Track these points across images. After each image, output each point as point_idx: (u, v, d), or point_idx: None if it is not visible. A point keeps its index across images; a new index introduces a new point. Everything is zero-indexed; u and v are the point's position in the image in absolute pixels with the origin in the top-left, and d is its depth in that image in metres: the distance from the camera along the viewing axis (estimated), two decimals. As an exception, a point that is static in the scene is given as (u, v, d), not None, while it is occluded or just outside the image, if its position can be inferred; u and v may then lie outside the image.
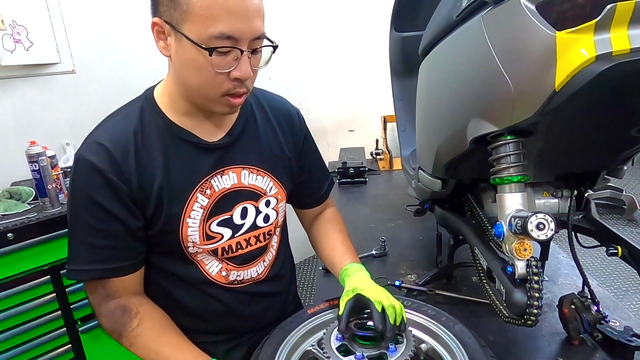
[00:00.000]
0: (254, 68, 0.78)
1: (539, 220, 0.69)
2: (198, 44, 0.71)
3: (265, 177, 0.94)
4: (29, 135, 1.96)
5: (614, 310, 1.10)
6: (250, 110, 0.95)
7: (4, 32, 1.94)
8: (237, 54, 0.73)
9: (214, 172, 0.87)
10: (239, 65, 0.74)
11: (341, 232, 1.08)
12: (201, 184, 0.86)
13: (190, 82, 0.78)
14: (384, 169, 2.79)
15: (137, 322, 0.82)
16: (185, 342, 0.84)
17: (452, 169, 1.01)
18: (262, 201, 0.94)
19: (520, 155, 0.77)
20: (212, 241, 0.88)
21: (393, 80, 1.91)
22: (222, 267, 0.92)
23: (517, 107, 0.68)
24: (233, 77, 0.75)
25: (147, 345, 0.81)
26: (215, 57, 0.72)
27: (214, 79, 0.75)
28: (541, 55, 0.61)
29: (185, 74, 0.78)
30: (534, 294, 0.73)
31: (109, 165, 0.78)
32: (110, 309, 0.83)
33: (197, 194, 0.85)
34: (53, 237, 1.75)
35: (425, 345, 0.87)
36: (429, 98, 1.06)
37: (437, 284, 1.29)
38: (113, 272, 0.83)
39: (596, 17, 0.56)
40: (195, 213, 0.85)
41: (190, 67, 0.75)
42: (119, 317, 0.82)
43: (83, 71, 2.25)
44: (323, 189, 1.11)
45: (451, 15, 0.85)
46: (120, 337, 0.83)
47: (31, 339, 1.73)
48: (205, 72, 0.74)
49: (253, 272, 0.96)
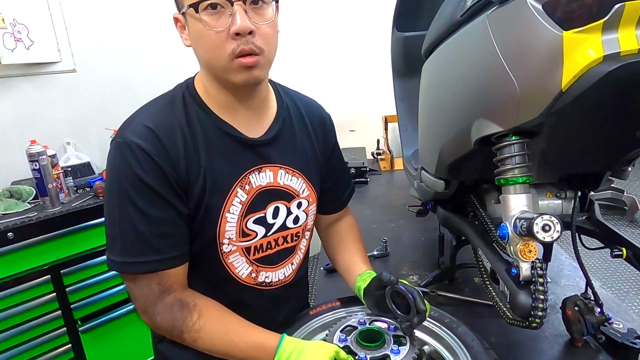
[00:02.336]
0: (257, 24, 0.75)
1: (544, 221, 0.68)
2: (188, 7, 0.73)
3: (299, 179, 0.93)
4: (29, 134, 1.96)
5: (617, 312, 1.10)
6: (287, 110, 0.94)
7: (4, 31, 1.94)
8: (231, 9, 0.73)
9: (253, 167, 0.86)
10: (234, 18, 0.72)
11: (359, 242, 1.07)
12: (241, 178, 0.85)
13: (202, 56, 0.78)
14: (385, 169, 2.79)
15: (197, 315, 0.78)
16: (250, 326, 0.81)
17: (455, 169, 1.01)
18: (295, 202, 0.93)
19: (525, 156, 0.77)
20: (247, 238, 0.87)
21: (395, 80, 1.91)
22: (252, 269, 0.91)
23: (522, 108, 0.68)
24: (232, 34, 0.73)
25: (213, 336, 0.78)
26: (206, 17, 0.72)
27: (215, 41, 0.74)
28: (547, 56, 0.60)
29: (197, 51, 0.78)
30: (539, 296, 0.73)
31: (157, 149, 0.75)
32: (168, 306, 0.78)
33: (237, 189, 0.84)
34: (53, 237, 1.75)
35: (428, 347, 0.86)
36: (432, 98, 1.05)
37: (439, 285, 1.29)
38: (170, 263, 0.78)
39: (604, 17, 0.55)
40: (234, 208, 0.84)
41: (197, 41, 0.76)
42: (177, 312, 0.78)
43: (84, 70, 2.25)
44: (345, 195, 1.11)
45: (455, 15, 0.85)
46: (181, 333, 0.78)
47: (31, 338, 1.73)
48: (206, 37, 0.74)
49: (281, 274, 0.96)
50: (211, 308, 0.81)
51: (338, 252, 1.06)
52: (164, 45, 2.42)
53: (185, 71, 0.90)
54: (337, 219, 1.12)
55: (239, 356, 0.78)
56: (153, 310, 0.79)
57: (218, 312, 0.82)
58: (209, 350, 0.79)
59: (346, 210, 1.15)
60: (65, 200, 1.91)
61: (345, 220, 1.13)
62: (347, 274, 1.00)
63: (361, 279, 0.93)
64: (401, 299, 0.84)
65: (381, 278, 0.84)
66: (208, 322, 0.78)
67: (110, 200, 0.77)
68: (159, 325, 0.79)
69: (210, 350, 0.79)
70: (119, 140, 0.76)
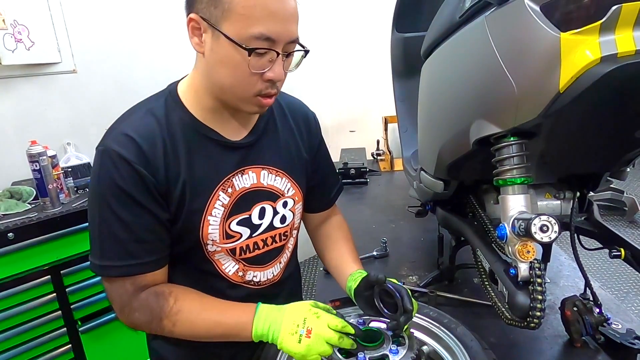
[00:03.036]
0: (285, 71, 0.79)
1: (542, 222, 0.68)
2: (238, 43, 0.71)
3: (283, 178, 0.94)
4: (29, 134, 1.96)
5: (616, 312, 1.10)
6: (270, 111, 0.95)
7: (5, 32, 1.94)
8: (273, 56, 0.75)
9: (236, 170, 0.88)
10: (274, 67, 0.75)
11: (349, 241, 1.08)
12: (223, 182, 0.86)
13: (224, 80, 0.78)
14: (385, 170, 2.79)
15: (174, 300, 0.80)
16: (227, 303, 0.84)
17: (455, 170, 1.01)
18: (280, 202, 0.94)
19: (524, 157, 0.77)
20: (231, 240, 0.88)
21: (394, 81, 1.91)
22: (238, 268, 0.92)
23: (520, 109, 0.68)
24: (266, 78, 0.76)
25: (191, 316, 0.79)
26: (252, 58, 0.73)
27: (248, 78, 0.76)
28: (545, 57, 0.61)
29: (219, 72, 0.78)
30: (537, 296, 0.73)
31: (137, 157, 0.77)
32: (143, 299, 0.80)
33: (219, 192, 0.85)
34: (53, 237, 1.75)
35: (427, 347, 0.86)
36: (431, 99, 1.06)
37: (439, 286, 1.29)
38: (145, 267, 0.80)
39: (601, 18, 0.55)
40: (216, 211, 0.85)
41: (225, 66, 0.76)
42: (153, 302, 0.80)
43: (84, 71, 2.25)
44: (332, 193, 1.11)
45: (454, 16, 0.85)
46: (160, 321, 0.79)
47: (31, 338, 1.73)
48: (241, 71, 0.75)
49: (269, 274, 0.97)
50: (187, 292, 0.83)
51: (328, 252, 1.07)
52: (165, 47, 2.42)
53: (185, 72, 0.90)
54: (326, 217, 1.13)
55: (220, 331, 0.80)
56: (130, 309, 0.80)
57: (193, 294, 0.84)
58: (190, 334, 0.80)
59: (334, 209, 1.15)
60: (66, 200, 1.92)
61: (334, 219, 1.13)
62: (338, 274, 1.00)
63: (352, 279, 0.93)
64: (390, 298, 0.84)
65: (369, 278, 0.86)
66: (185, 304, 0.80)
67: (91, 206, 0.80)
68: (136, 321, 0.81)
69: (191, 333, 0.80)
70: (100, 148, 0.79)
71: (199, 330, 0.80)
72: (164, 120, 0.82)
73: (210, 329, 0.80)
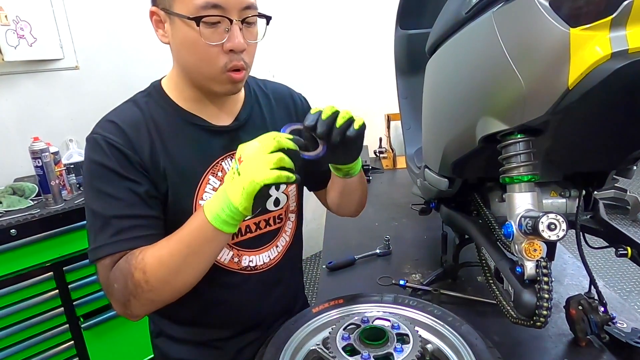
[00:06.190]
0: (248, 41, 0.78)
1: (550, 220, 0.67)
2: (187, 17, 0.72)
3: None
4: (32, 131, 1.96)
5: (621, 311, 1.09)
6: (255, 97, 0.97)
7: (7, 28, 1.94)
8: (228, 25, 0.74)
9: (225, 154, 0.88)
10: (231, 35, 0.75)
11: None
12: (212, 166, 0.86)
13: (188, 62, 0.79)
14: (387, 168, 2.78)
15: (139, 252, 0.75)
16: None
17: (459, 167, 1.00)
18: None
19: (531, 154, 0.76)
20: None
21: (398, 78, 1.90)
22: (233, 254, 0.92)
23: (528, 105, 0.67)
24: (226, 49, 0.76)
25: (155, 253, 0.74)
26: (204, 29, 0.73)
27: (208, 53, 0.76)
28: (554, 53, 0.60)
29: (182, 55, 0.79)
30: (544, 295, 0.72)
31: (121, 139, 0.79)
32: (115, 268, 0.76)
33: (209, 176, 0.86)
34: (56, 234, 1.75)
35: (432, 345, 0.86)
36: (436, 96, 1.05)
37: (442, 284, 1.28)
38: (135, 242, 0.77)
39: (612, 14, 0.54)
40: (207, 195, 0.86)
41: (185, 46, 0.77)
42: (123, 264, 0.75)
43: (86, 67, 2.25)
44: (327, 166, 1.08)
45: (460, 12, 0.84)
46: (132, 276, 0.73)
47: (34, 335, 1.74)
48: (199, 47, 0.75)
49: (265, 257, 0.97)
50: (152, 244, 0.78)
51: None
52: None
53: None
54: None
55: (186, 244, 0.74)
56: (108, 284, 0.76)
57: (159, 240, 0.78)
58: (163, 271, 0.73)
59: None
60: (68, 197, 1.92)
61: None
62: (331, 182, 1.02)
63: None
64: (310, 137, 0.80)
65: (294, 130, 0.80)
66: (148, 248, 0.76)
67: (84, 195, 0.82)
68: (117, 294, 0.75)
69: (164, 270, 0.73)
70: (88, 137, 0.81)
71: (167, 260, 0.73)
72: (147, 109, 0.84)
73: (175, 251, 0.74)
